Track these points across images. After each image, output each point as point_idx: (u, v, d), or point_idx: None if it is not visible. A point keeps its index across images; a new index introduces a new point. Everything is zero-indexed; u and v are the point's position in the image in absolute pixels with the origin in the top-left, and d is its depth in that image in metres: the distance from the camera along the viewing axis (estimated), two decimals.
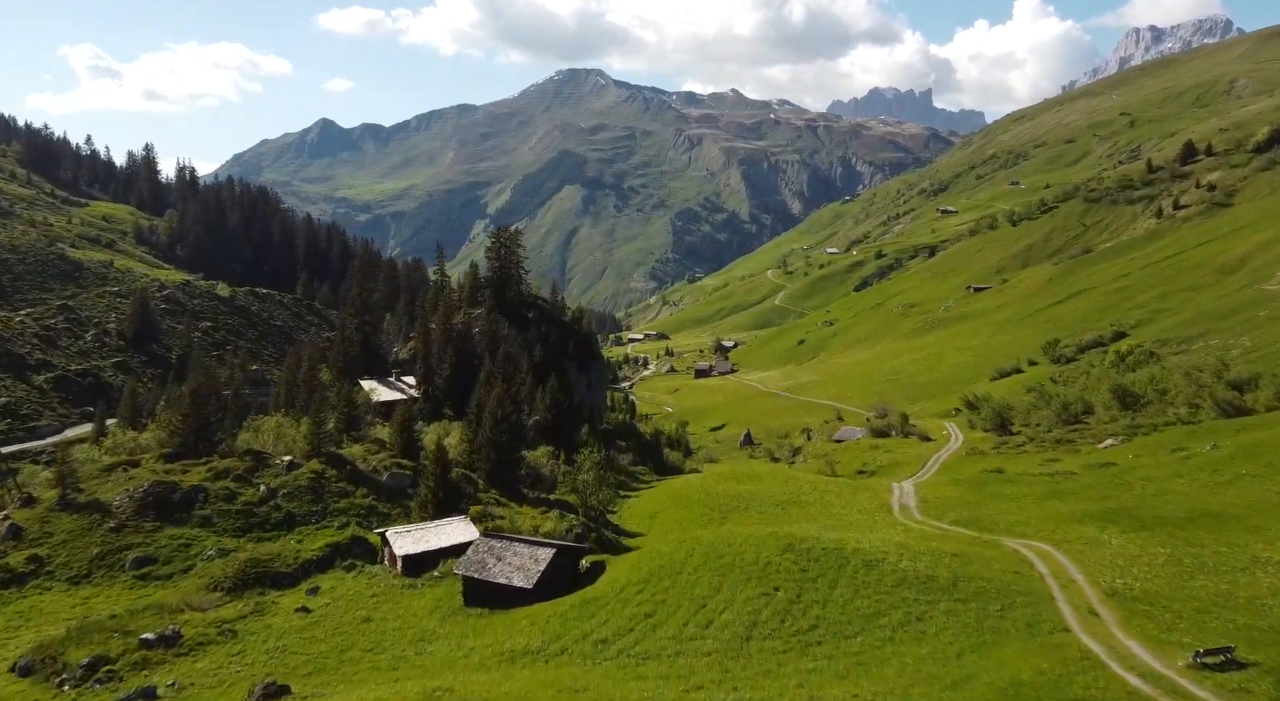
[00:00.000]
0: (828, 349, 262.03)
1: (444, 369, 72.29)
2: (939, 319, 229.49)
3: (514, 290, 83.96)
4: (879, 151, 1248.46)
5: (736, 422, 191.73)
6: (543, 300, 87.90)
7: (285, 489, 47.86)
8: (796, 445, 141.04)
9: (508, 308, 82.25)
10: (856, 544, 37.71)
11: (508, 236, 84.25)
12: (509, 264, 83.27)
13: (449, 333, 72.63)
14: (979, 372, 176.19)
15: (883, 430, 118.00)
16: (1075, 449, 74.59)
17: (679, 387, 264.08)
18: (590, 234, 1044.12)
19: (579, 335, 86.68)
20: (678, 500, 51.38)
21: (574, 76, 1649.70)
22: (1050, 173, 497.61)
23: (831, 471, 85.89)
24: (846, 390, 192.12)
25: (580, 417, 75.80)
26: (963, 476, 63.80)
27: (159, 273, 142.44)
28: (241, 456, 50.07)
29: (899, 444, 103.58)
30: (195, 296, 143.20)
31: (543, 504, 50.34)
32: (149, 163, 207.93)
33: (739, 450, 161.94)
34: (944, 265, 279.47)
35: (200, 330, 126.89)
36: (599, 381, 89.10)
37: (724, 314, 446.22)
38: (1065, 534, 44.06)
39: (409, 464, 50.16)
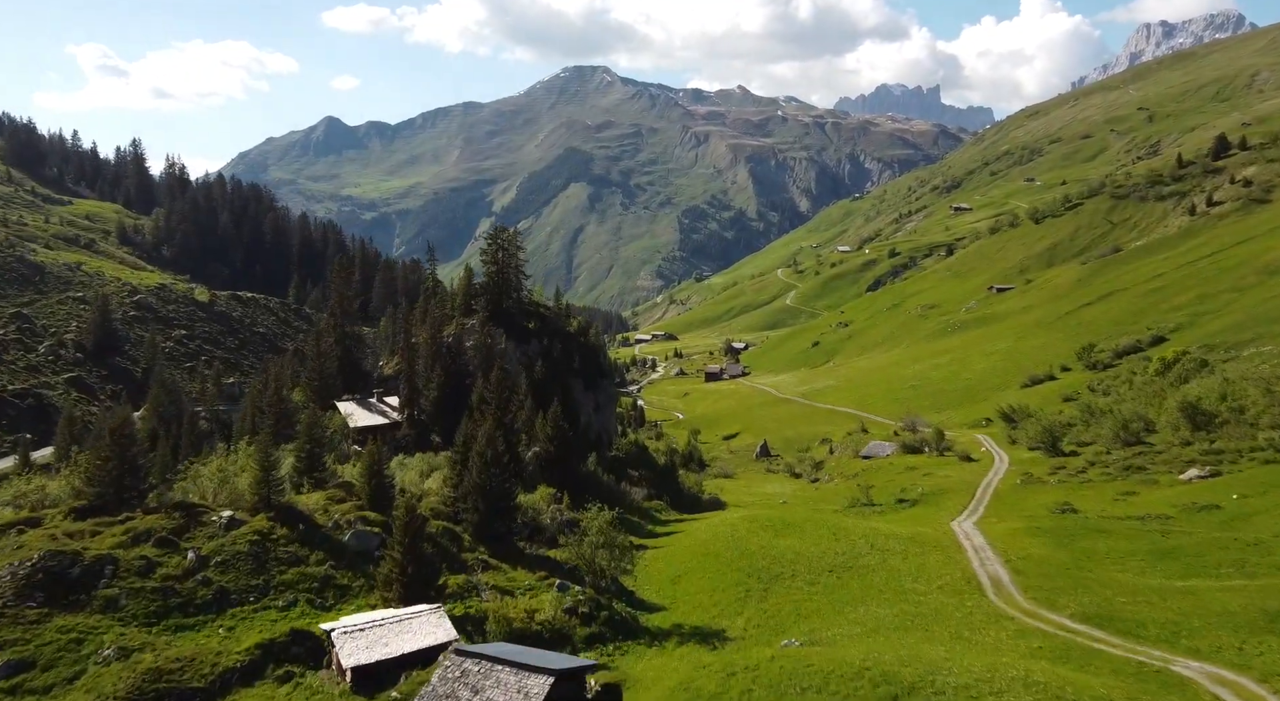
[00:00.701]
0: (843, 352, 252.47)
1: (431, 389, 63.36)
2: (961, 321, 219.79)
3: (512, 297, 75.12)
4: (887, 148, 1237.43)
5: (751, 431, 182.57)
6: (545, 308, 79.00)
7: (220, 555, 37.14)
8: (818, 459, 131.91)
9: (505, 317, 73.40)
10: (989, 683, 25.97)
11: (506, 237, 75.40)
12: (507, 268, 74.41)
13: (437, 347, 63.82)
14: (1008, 379, 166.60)
15: (915, 446, 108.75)
16: (1152, 480, 65.32)
17: (689, 391, 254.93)
18: (596, 232, 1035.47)
19: (586, 348, 77.74)
20: (705, 556, 42.12)
21: (580, 73, 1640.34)
22: (1066, 169, 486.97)
23: (868, 498, 76.81)
24: (867, 397, 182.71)
25: (587, 444, 66.85)
26: (1036, 517, 54.48)
27: (138, 275, 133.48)
28: (170, 512, 39.68)
29: (936, 463, 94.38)
30: (170, 301, 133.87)
31: (541, 565, 41.37)
32: (137, 159, 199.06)
33: (755, 462, 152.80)
34: (963, 264, 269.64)
35: (172, 339, 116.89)
36: (608, 401, 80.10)
37: (733, 314, 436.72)
38: (1243, 643, 31.82)
39: (377, 518, 41.17)
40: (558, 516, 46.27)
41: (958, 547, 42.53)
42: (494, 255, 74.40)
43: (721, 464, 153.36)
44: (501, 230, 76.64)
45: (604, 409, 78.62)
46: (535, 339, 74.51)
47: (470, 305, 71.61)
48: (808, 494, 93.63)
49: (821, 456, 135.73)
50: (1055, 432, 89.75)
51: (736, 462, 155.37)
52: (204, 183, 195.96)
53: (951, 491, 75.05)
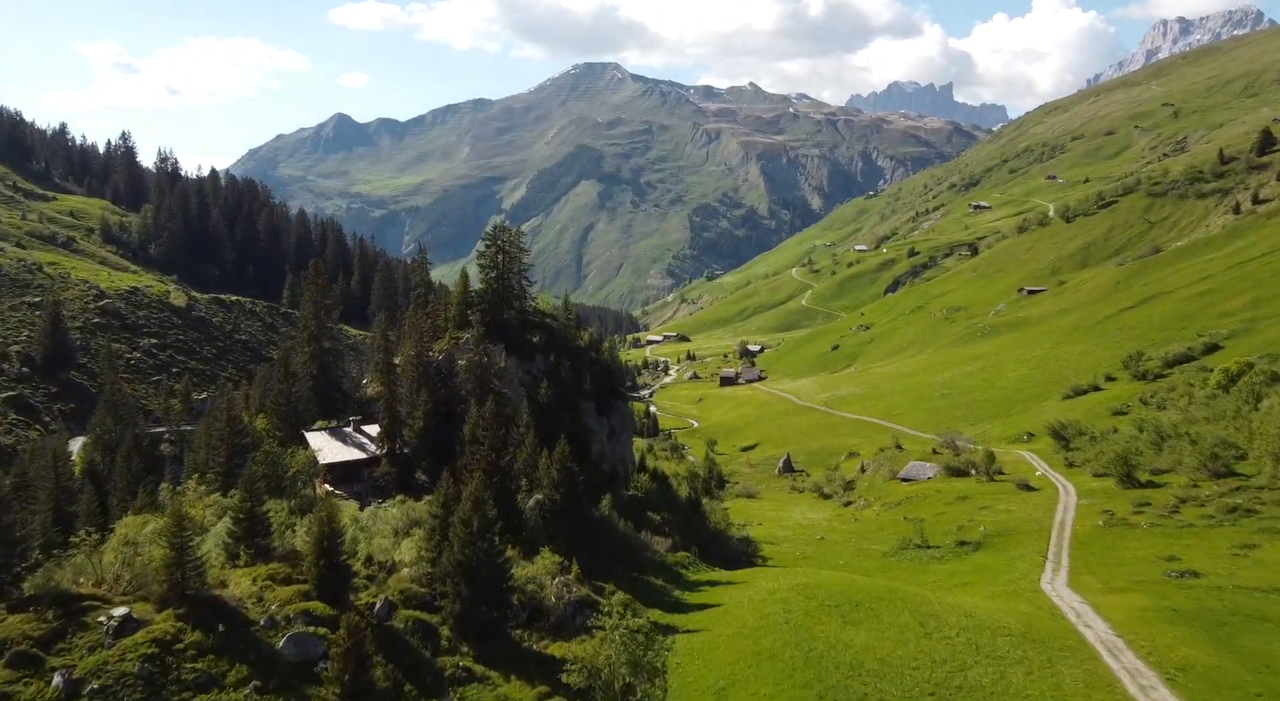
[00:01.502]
0: (865, 356, 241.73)
1: (416, 418, 53.32)
2: (990, 325, 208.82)
3: (514, 307, 65.19)
4: (900, 146, 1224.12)
5: (770, 441, 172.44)
6: (552, 318, 68.98)
7: (100, 679, 25.86)
8: (848, 477, 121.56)
9: (506, 330, 63.48)
10: None
11: (506, 237, 65.43)
12: (508, 273, 64.34)
13: (423, 368, 53.94)
14: (1047, 389, 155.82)
15: (960, 469, 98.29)
16: (1271, 528, 54.87)
17: (703, 396, 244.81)
18: (606, 230, 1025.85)
19: (598, 365, 67.61)
20: (756, 656, 32.01)
21: (590, 70, 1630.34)
22: (1089, 166, 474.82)
23: (921, 538, 66.62)
24: (894, 406, 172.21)
25: (599, 481, 56.91)
26: (1153, 585, 43.87)
27: (114, 277, 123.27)
28: (43, 610, 28.23)
29: (990, 492, 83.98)
30: (142, 306, 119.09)
31: (544, 670, 31.23)
32: (127, 153, 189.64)
33: (778, 478, 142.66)
34: (990, 265, 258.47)
35: (139, 350, 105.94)
36: (624, 426, 70.02)
37: (747, 314, 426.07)
38: None
39: (326, 612, 30.81)
40: (565, 593, 36.36)
41: (1081, 643, 32.61)
42: (493, 258, 64.45)
43: (742, 480, 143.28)
44: (501, 229, 66.65)
45: (619, 435, 68.55)
46: (540, 355, 64.52)
47: (465, 316, 61.80)
48: (846, 526, 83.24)
49: (851, 474, 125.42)
50: (1130, 459, 79.16)
51: (758, 479, 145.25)
52: (197, 178, 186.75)
53: (1020, 532, 64.71)
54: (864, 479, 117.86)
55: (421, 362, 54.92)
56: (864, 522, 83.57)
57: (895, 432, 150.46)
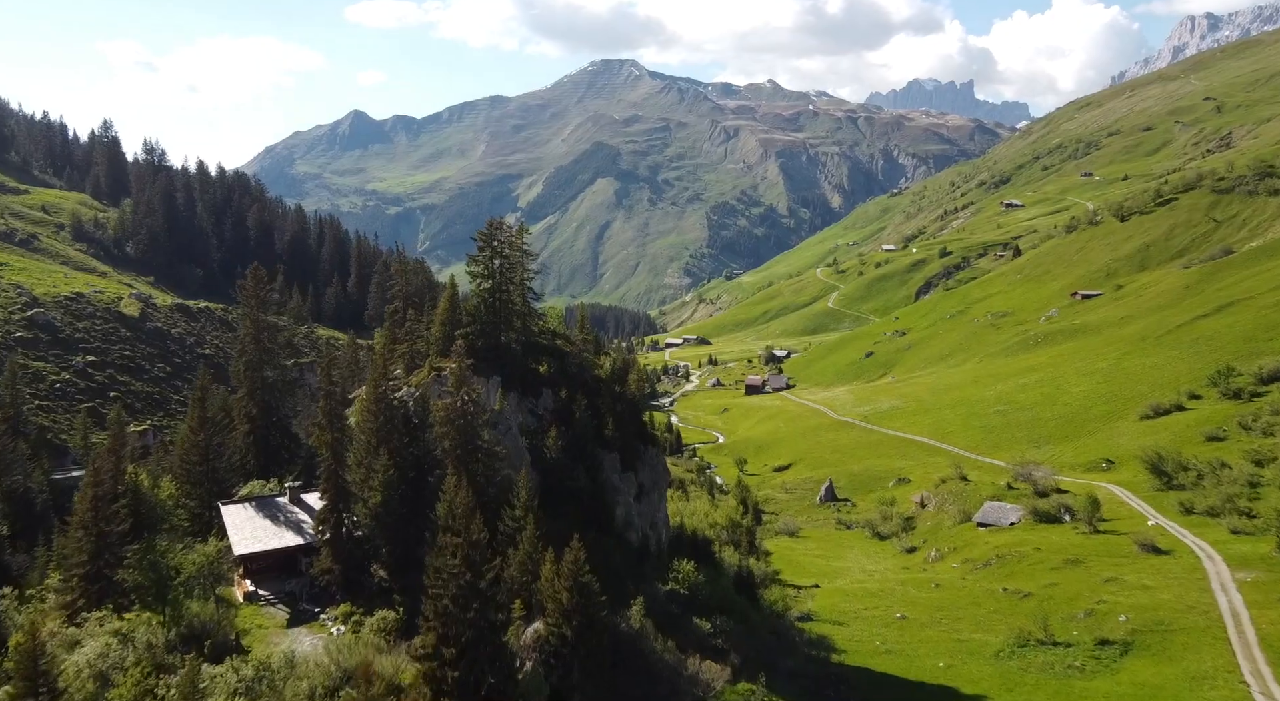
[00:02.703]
0: (902, 364, 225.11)
1: (371, 491, 38.22)
2: (1043, 332, 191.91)
3: (516, 327, 50.15)
4: (922, 143, 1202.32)
5: (806, 462, 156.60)
6: (564, 340, 53.76)
7: None
8: (905, 513, 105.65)
9: (504, 358, 48.55)
10: None
11: (506, 235, 50.37)
12: (506, 284, 49.18)
13: (384, 416, 38.82)
14: (1120, 407, 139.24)
15: (1051, 515, 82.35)
16: None
17: (728, 406, 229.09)
18: (623, 228, 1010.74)
19: (624, 403, 52.27)
20: None
21: (608, 67, 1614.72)
22: (1127, 162, 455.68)
23: (1045, 632, 50.94)
24: (943, 423, 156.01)
25: (625, 566, 41.84)
26: None
27: (71, 280, 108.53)
28: None
29: (1101, 551, 68.14)
30: (84, 316, 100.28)
31: None
32: (109, 143, 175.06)
33: (819, 509, 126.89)
34: (1036, 266, 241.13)
35: (70, 370, 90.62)
36: (656, 481, 54.48)
37: (770, 316, 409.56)
38: None
39: None
40: None
41: None
42: (487, 264, 49.25)
43: (780, 511, 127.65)
44: (498, 226, 51.36)
45: (650, 493, 53.19)
46: (549, 389, 49.47)
47: (451, 340, 46.86)
48: (926, 595, 67.40)
49: (908, 508, 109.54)
50: None
51: (797, 508, 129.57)
52: (183, 170, 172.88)
53: (1181, 629, 48.96)
54: (926, 517, 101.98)
55: (382, 408, 39.81)
56: (948, 589, 67.70)
57: (952, 456, 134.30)
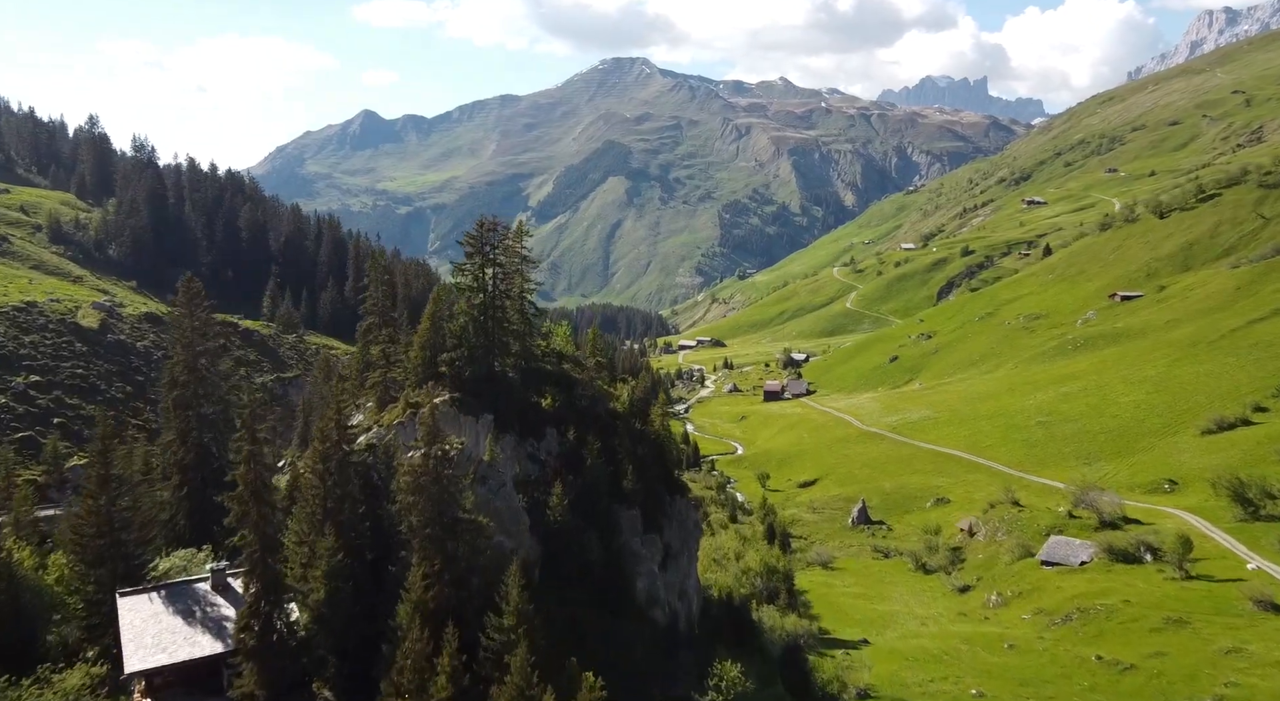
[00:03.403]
0: (929, 369, 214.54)
1: (313, 584, 28.52)
2: (1081, 336, 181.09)
3: (513, 351, 40.47)
4: (936, 141, 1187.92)
5: (833, 477, 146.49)
6: (572, 364, 44.16)
7: None
8: (952, 543, 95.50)
9: (498, 390, 38.98)
10: None
11: (499, 237, 40.64)
12: (500, 297, 39.71)
13: (335, 475, 29.35)
14: (1175, 419, 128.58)
15: (1129, 554, 72.20)
16: None
17: (745, 414, 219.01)
18: (634, 227, 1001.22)
19: (645, 443, 42.58)
20: None
21: (618, 65, 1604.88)
22: (1154, 158, 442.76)
23: None
24: (980, 435, 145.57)
25: (651, 657, 32.29)
26: None
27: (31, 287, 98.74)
28: None
29: (1207, 605, 58.14)
30: (32, 329, 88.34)
31: None
32: (94, 139, 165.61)
33: (852, 532, 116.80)
34: (1069, 266, 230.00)
35: (8, 393, 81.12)
36: (687, 541, 44.56)
37: (786, 317, 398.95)
38: None
39: None
40: None
41: None
42: (477, 273, 39.64)
43: (809, 534, 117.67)
44: (490, 226, 41.52)
45: (678, 557, 43.20)
46: (553, 429, 39.99)
47: (435, 366, 37.24)
48: (998, 658, 57.40)
49: (952, 534, 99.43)
50: None
51: (827, 531, 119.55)
52: (174, 167, 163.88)
53: None
54: (976, 548, 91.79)
55: (332, 468, 30.19)
56: (1025, 652, 57.58)
57: (994, 474, 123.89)
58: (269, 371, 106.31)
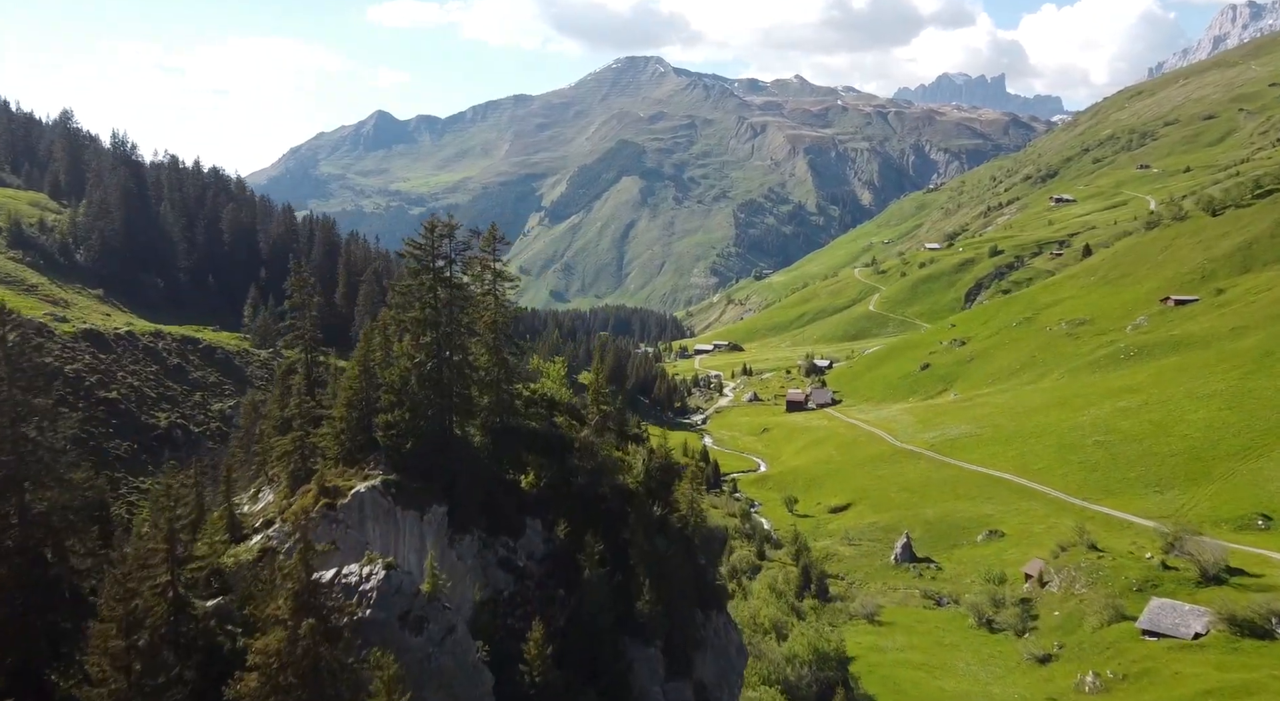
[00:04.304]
0: (964, 379, 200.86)
1: None
2: (1134, 345, 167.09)
3: (483, 404, 28.23)
4: (954, 138, 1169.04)
5: (869, 502, 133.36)
6: (568, 415, 31.85)
7: None
8: (1020, 593, 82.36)
9: (454, 463, 26.85)
10: None
11: (455, 246, 28.41)
12: (457, 331, 27.74)
13: (166, 625, 17.18)
14: (1257, 441, 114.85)
15: (1257, 626, 59.12)
16: None
17: (767, 426, 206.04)
18: (648, 227, 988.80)
19: (669, 533, 29.98)
20: None
21: (632, 64, 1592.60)
22: (1188, 154, 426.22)
23: None
24: (1031, 456, 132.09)
25: None
26: None
27: None
28: None
29: None
30: None
31: None
32: (67, 135, 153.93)
33: (896, 571, 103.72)
34: (1113, 268, 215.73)
35: None
36: (726, 675, 32.33)
37: (806, 320, 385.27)
38: None
39: None
40: None
41: None
42: (426, 297, 27.57)
43: (847, 573, 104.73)
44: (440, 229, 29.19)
45: (715, 690, 31.29)
46: (535, 519, 27.70)
47: (369, 433, 25.18)
48: None
49: (1019, 584, 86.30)
50: None
51: (867, 569, 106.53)
52: (153, 165, 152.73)
53: None
54: (1050, 601, 78.59)
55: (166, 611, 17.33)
56: None
57: (1053, 503, 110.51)
58: (230, 395, 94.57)
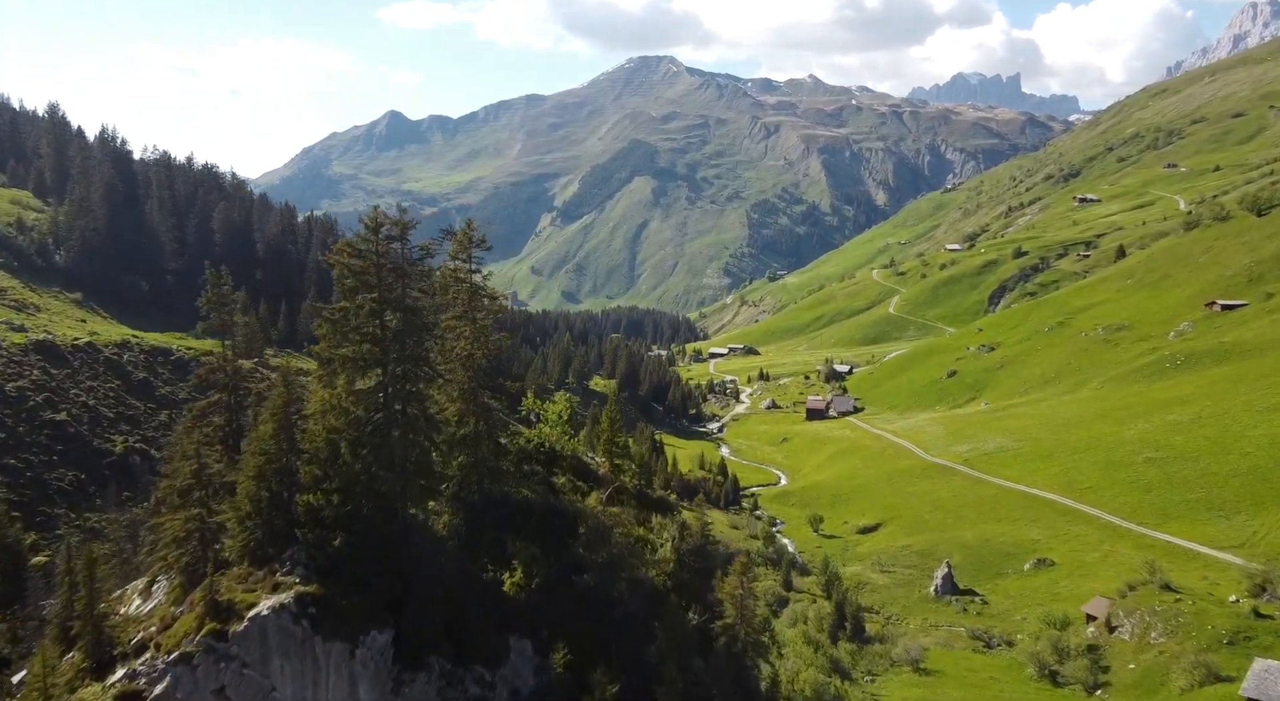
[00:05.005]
0: (994, 387, 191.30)
1: None
2: (1180, 353, 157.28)
3: (460, 459, 20.27)
4: (970, 138, 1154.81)
5: (900, 523, 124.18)
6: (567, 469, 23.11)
7: None
8: (1088, 641, 73.28)
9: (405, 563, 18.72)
10: None
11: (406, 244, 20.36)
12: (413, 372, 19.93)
13: None
14: None
15: None
16: None
17: (787, 435, 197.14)
18: (661, 227, 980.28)
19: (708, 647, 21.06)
20: None
21: (645, 64, 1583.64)
22: (1216, 152, 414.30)
23: None
24: (1073, 473, 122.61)
25: None
26: None
27: None
28: None
29: None
30: None
31: None
32: (54, 129, 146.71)
33: (937, 605, 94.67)
34: (1150, 270, 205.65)
35: None
36: None
37: (823, 323, 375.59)
38: None
39: None
40: None
41: None
42: (368, 320, 19.55)
43: (882, 606, 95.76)
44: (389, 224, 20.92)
45: None
46: (525, 639, 19.22)
47: (287, 517, 17.37)
48: None
49: (1082, 629, 77.11)
50: None
51: (904, 601, 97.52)
52: (142, 160, 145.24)
53: None
54: (1124, 652, 69.50)
55: None
56: None
57: (1106, 528, 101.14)
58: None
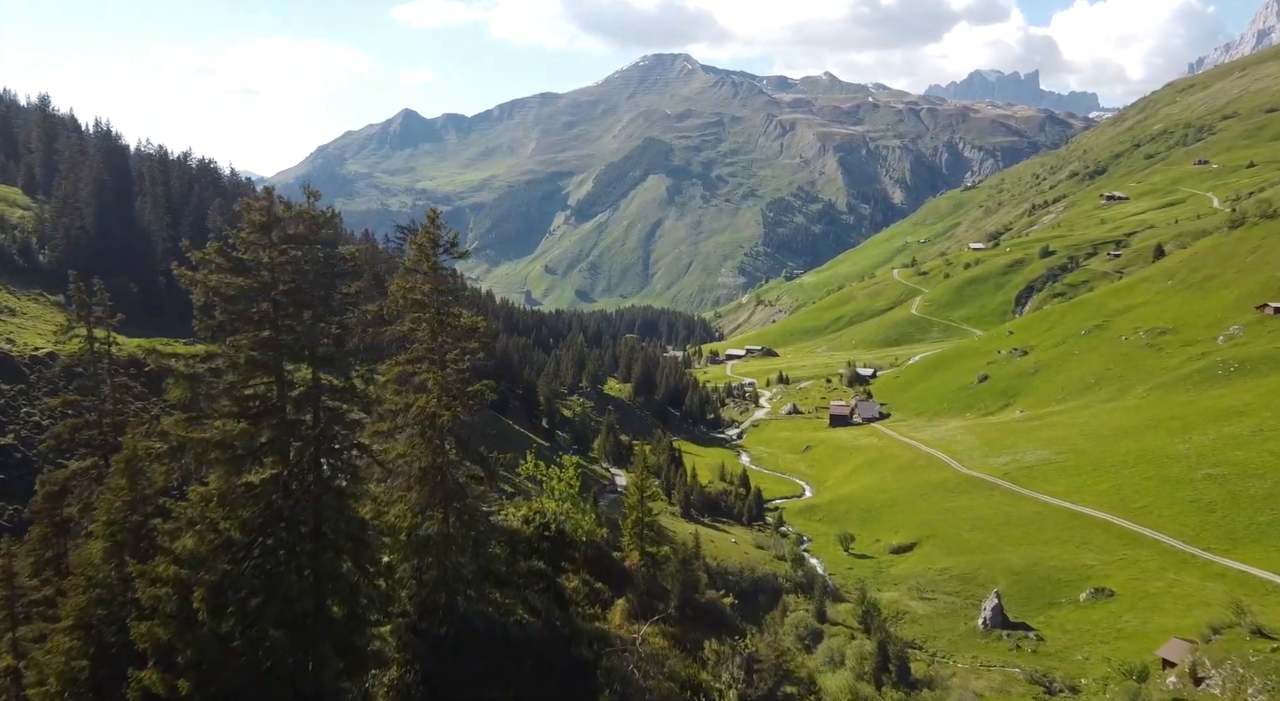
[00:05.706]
0: (1029, 393, 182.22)
1: None
2: (1231, 358, 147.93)
3: (430, 576, 11.18)
4: (989, 136, 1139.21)
5: (937, 542, 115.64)
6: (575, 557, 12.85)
7: None
8: (1171, 693, 64.70)
9: None
10: None
11: (315, 241, 10.33)
12: (326, 443, 9.42)
13: None
14: None
15: None
16: None
17: (810, 443, 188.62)
18: (675, 226, 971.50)
19: None
20: None
21: (660, 62, 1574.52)
22: (1251, 148, 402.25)
23: None
24: (1126, 489, 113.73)
25: None
26: None
27: None
28: None
29: None
30: None
31: None
32: (44, 122, 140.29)
33: (985, 641, 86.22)
34: (1193, 271, 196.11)
35: None
36: None
37: (843, 323, 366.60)
38: None
39: None
40: None
41: None
42: (245, 382, 10.05)
43: (923, 637, 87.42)
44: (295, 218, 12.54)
45: None
46: None
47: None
48: None
49: (1152, 667, 68.66)
50: None
51: (948, 634, 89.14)
52: (136, 153, 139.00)
53: None
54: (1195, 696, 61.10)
55: None
56: None
57: (1169, 553, 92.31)
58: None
